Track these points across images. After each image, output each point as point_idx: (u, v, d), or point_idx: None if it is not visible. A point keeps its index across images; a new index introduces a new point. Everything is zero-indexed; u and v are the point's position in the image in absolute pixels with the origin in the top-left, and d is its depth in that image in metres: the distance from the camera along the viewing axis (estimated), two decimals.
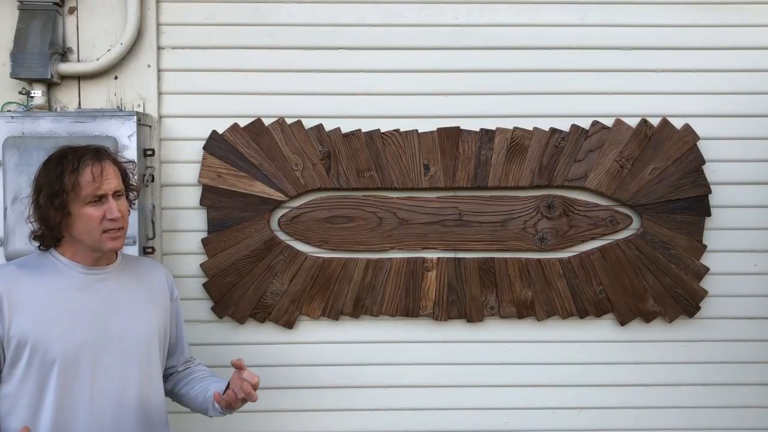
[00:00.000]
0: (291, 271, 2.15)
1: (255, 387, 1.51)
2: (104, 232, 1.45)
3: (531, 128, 2.16)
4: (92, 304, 1.49)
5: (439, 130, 2.16)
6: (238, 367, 1.53)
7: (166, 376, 1.73)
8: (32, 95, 2.03)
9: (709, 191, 2.17)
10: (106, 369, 1.48)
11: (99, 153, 1.48)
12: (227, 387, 1.57)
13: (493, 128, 2.16)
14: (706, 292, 2.20)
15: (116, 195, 1.47)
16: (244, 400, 1.52)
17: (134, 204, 1.60)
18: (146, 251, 2.02)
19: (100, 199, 1.44)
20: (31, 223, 1.49)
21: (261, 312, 2.16)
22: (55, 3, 2.05)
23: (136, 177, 1.60)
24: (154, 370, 1.58)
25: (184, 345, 1.75)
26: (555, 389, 2.24)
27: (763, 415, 2.26)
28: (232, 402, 1.53)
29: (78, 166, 1.43)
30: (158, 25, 2.13)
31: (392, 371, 2.21)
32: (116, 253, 1.60)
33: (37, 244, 1.51)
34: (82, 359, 1.45)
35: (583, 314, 2.19)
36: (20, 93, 2.04)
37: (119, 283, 1.55)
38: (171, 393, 1.74)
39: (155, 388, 1.59)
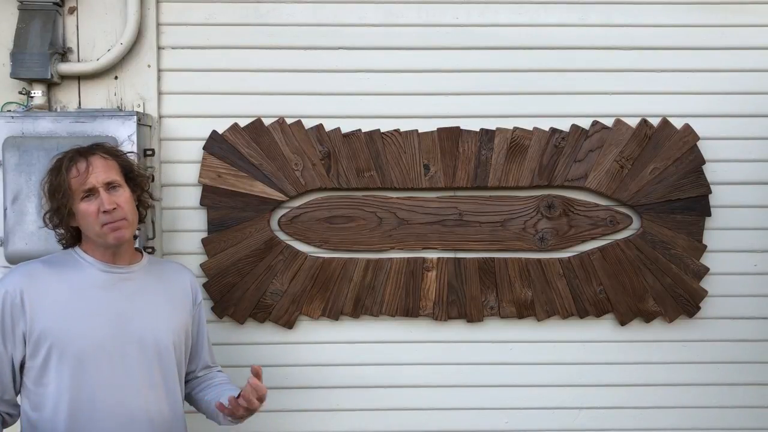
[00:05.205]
0: (291, 271, 2.15)
1: (261, 399, 1.49)
2: (104, 225, 1.46)
3: (531, 128, 2.16)
4: (113, 302, 1.49)
5: (439, 130, 2.16)
6: (256, 373, 1.50)
7: (186, 381, 1.72)
8: (32, 95, 2.03)
9: (709, 191, 2.17)
10: (125, 368, 1.48)
11: (88, 149, 1.51)
12: (238, 396, 1.54)
13: (493, 128, 2.16)
14: (706, 292, 2.20)
15: (110, 187, 1.48)
16: (247, 410, 1.50)
17: (151, 191, 1.64)
18: (146, 251, 2.02)
19: (91, 193, 1.46)
20: (48, 226, 1.53)
21: (261, 312, 2.16)
22: (55, 3, 2.04)
23: (146, 169, 1.62)
24: (172, 373, 1.58)
25: (205, 351, 1.75)
26: (555, 389, 2.24)
27: (763, 415, 2.26)
28: (234, 410, 1.50)
29: (68, 165, 1.47)
30: (158, 25, 2.13)
31: (393, 371, 2.21)
32: (141, 253, 1.62)
33: (61, 245, 1.56)
34: (100, 358, 1.45)
35: (583, 314, 2.19)
36: (20, 93, 2.04)
37: (142, 283, 1.55)
38: (188, 397, 1.75)
39: (173, 390, 1.58)
